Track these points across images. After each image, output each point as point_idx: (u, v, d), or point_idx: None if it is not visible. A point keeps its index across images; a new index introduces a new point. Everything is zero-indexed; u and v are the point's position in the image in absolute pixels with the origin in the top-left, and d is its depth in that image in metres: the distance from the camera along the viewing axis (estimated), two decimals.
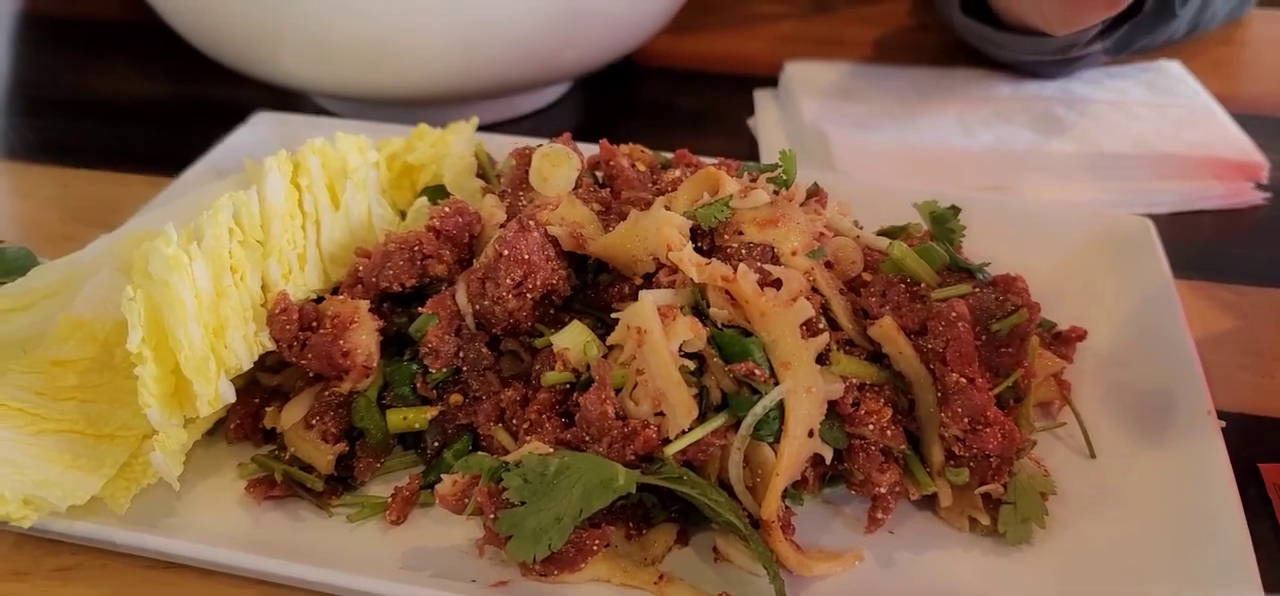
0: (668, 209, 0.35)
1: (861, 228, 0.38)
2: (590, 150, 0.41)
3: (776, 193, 0.36)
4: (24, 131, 0.57)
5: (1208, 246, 0.49)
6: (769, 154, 0.54)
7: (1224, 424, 0.35)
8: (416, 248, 0.36)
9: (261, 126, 0.48)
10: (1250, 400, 0.41)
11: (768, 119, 0.57)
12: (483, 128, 0.45)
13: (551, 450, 0.31)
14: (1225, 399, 0.40)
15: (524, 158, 0.39)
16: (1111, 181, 0.51)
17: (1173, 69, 0.60)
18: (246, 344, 0.33)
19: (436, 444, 0.34)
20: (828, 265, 0.35)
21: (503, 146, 0.44)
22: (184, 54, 0.55)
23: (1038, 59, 0.57)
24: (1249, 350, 0.43)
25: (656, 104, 0.60)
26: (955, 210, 0.39)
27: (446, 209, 0.36)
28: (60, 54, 0.65)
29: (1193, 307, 0.45)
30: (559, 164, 0.37)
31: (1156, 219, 0.44)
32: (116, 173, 0.51)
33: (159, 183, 0.47)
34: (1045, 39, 0.54)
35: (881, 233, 0.39)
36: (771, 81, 0.60)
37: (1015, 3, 0.53)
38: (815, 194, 0.38)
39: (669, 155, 0.42)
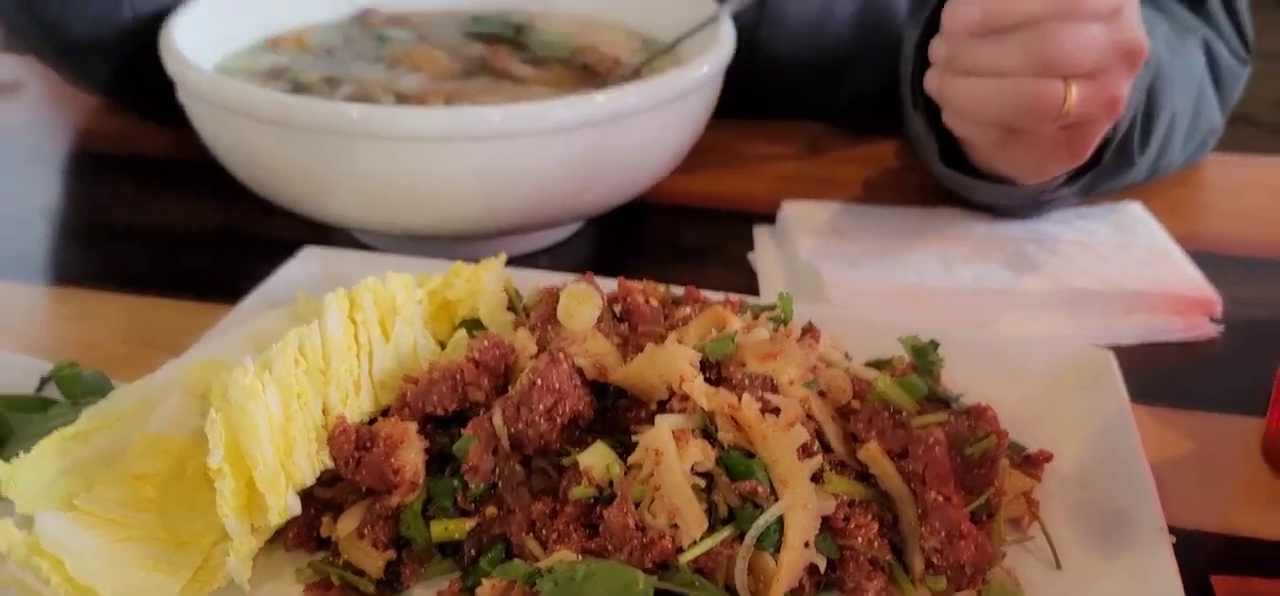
0: (680, 343, 0.40)
1: (851, 359, 0.43)
2: (608, 285, 0.46)
3: (776, 329, 0.41)
4: (86, 260, 0.62)
5: (1168, 376, 0.54)
6: (768, 287, 0.59)
7: (1176, 539, 0.39)
8: (458, 376, 0.41)
9: (310, 260, 0.54)
10: (1205, 517, 0.45)
11: (767, 254, 0.62)
12: (509, 261, 0.50)
13: (578, 558, 0.35)
14: (1183, 515, 0.44)
15: (552, 296, 0.44)
16: (1079, 316, 0.56)
17: (1135, 210, 0.65)
18: (310, 462, 0.38)
19: (474, 552, 0.38)
20: (821, 394, 0.39)
21: (527, 280, 0.50)
22: (233, 190, 0.60)
23: (1011, 203, 0.62)
24: (1205, 470, 0.48)
25: (664, 238, 0.65)
26: (935, 344, 0.44)
27: (485, 342, 0.41)
28: (119, 187, 0.70)
29: (1153, 432, 0.49)
30: (583, 302, 0.42)
31: (1121, 351, 0.49)
32: (174, 299, 0.56)
33: (214, 309, 0.52)
34: (1017, 187, 0.60)
35: (869, 364, 0.44)
36: (770, 218, 0.65)
37: (988, 155, 0.59)
38: (809, 330, 0.43)
39: (679, 290, 0.48)
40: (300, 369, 0.39)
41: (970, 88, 0.52)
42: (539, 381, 0.38)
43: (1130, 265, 0.59)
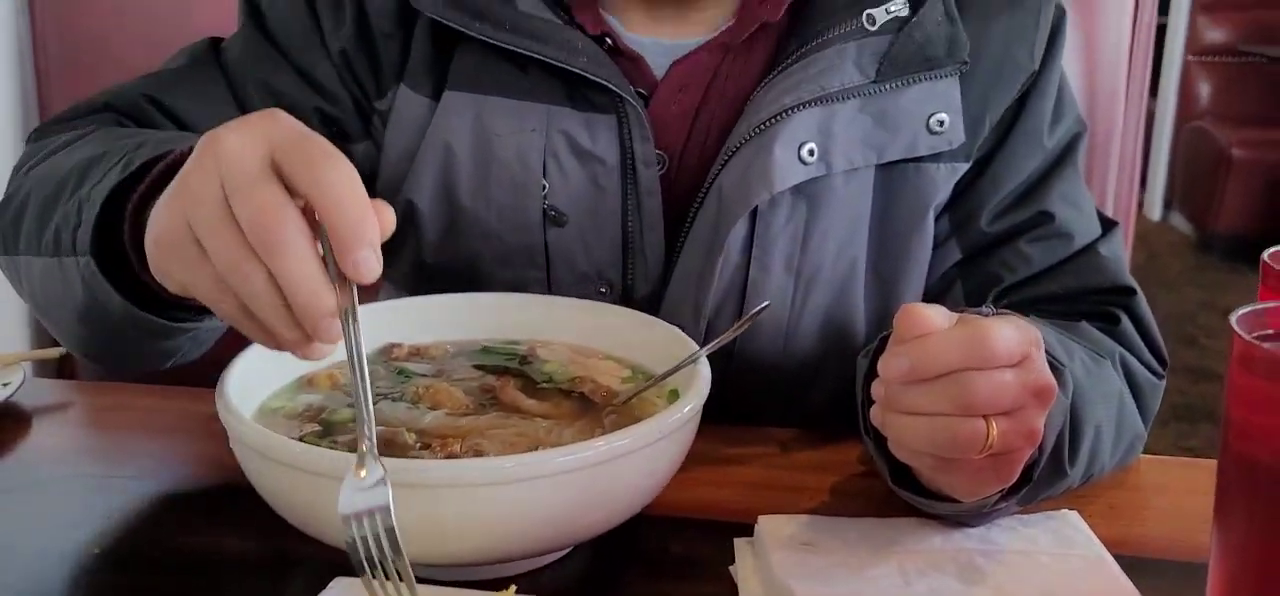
0: None
1: None
2: None
3: None
4: (130, 590, 0.68)
5: None
6: None
7: None
8: None
9: (338, 591, 0.60)
10: None
11: (746, 567, 0.69)
12: (510, 581, 0.57)
13: None
14: None
15: None
16: None
17: (1072, 519, 0.73)
18: None
19: None
20: None
21: None
22: (270, 516, 0.68)
23: (958, 515, 0.71)
24: None
25: (653, 551, 0.72)
26: None
27: None
28: (161, 516, 0.77)
29: None
30: None
31: None
32: None
33: None
34: (960, 503, 0.68)
35: None
36: (748, 527, 0.73)
37: (929, 478, 0.67)
38: None
39: None
40: None
41: (906, 426, 0.62)
42: None
43: (1069, 576, 0.67)
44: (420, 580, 0.61)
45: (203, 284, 0.57)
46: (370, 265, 0.54)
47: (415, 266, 0.91)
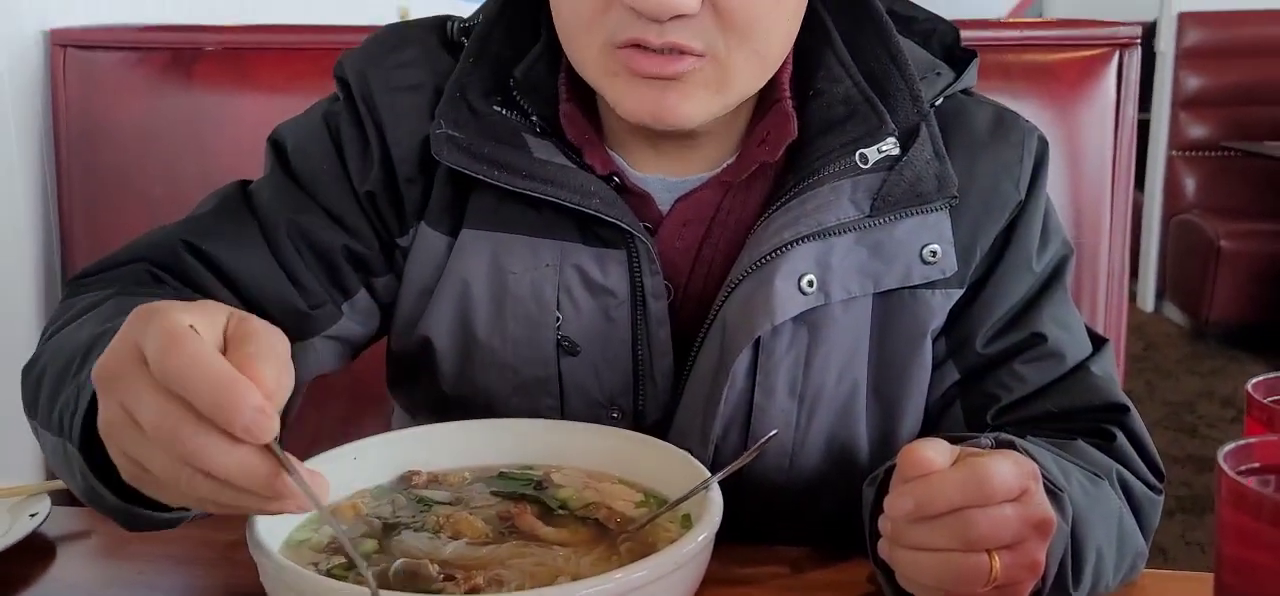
0: None
1: None
2: None
3: None
4: None
5: None
6: None
7: None
8: None
9: None
10: None
11: None
12: None
13: None
14: None
15: None
16: None
17: None
18: None
19: None
20: None
21: None
22: None
23: None
24: None
25: None
26: None
27: None
28: None
29: None
30: None
31: None
32: None
33: None
34: None
35: None
36: None
37: None
38: None
39: None
40: None
41: (913, 560, 0.65)
42: None
43: None
44: None
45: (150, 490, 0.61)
46: (260, 425, 0.57)
47: (434, 398, 0.94)
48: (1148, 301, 4.94)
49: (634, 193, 0.90)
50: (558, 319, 0.89)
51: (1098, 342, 0.92)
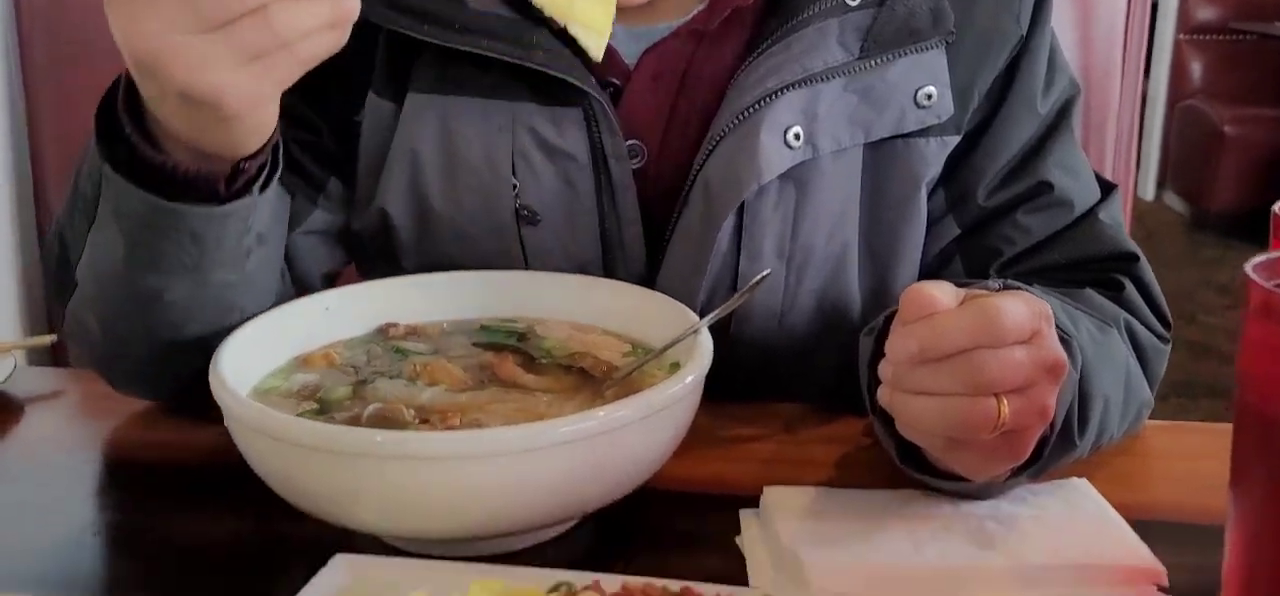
0: None
1: None
2: (612, 583, 0.52)
3: None
4: (133, 571, 0.67)
5: None
6: (755, 570, 0.65)
7: None
8: None
9: (340, 570, 0.59)
10: None
11: (752, 538, 0.68)
12: (514, 556, 0.56)
13: None
14: None
15: None
16: (1036, 590, 0.62)
17: (1081, 486, 0.72)
18: None
19: None
20: None
21: (542, 578, 0.56)
22: (267, 497, 0.67)
23: (967, 492, 0.70)
24: None
25: (659, 526, 0.71)
26: None
27: None
28: (160, 498, 0.76)
29: None
30: None
31: None
32: None
33: None
34: (970, 482, 0.67)
35: None
36: (754, 500, 0.72)
37: (942, 457, 0.66)
38: None
39: (675, 586, 0.53)
40: None
41: (915, 406, 0.61)
42: None
43: (1080, 539, 0.66)
44: (423, 556, 0.60)
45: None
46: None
47: (394, 274, 0.89)
48: (1148, 190, 4.89)
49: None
50: (515, 186, 0.83)
51: (1106, 188, 0.88)
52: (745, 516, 0.71)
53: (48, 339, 0.98)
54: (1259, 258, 0.48)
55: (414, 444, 0.59)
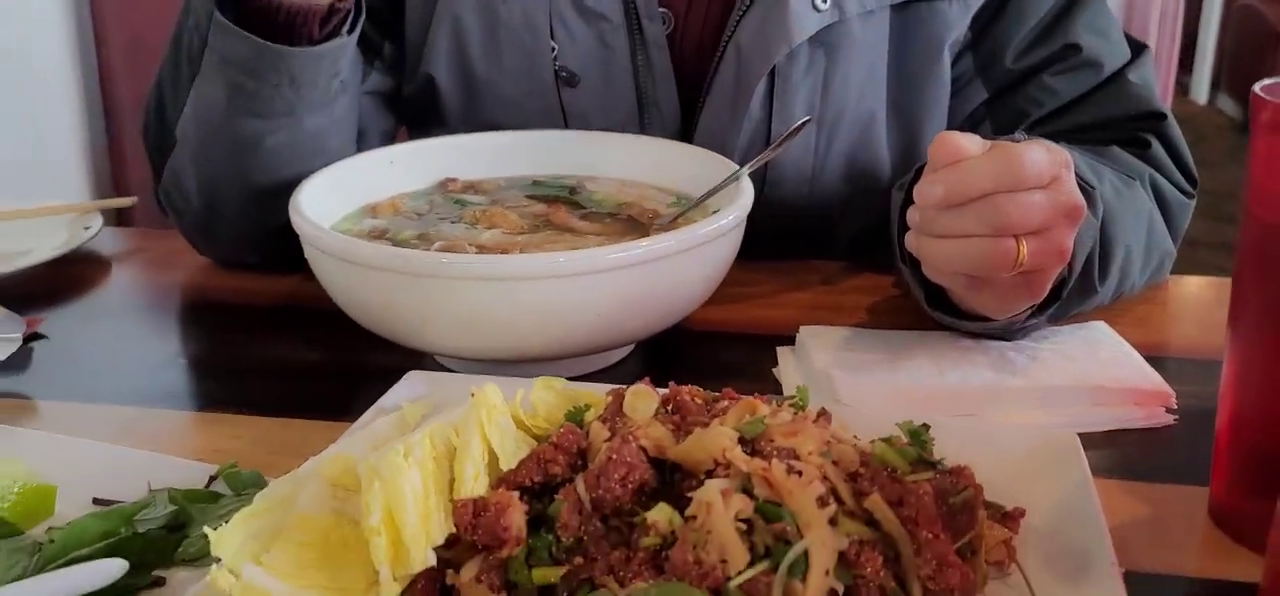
0: (721, 426, 0.51)
1: (858, 439, 0.54)
2: (660, 391, 0.57)
3: (795, 414, 0.52)
4: (226, 390, 0.74)
5: (1130, 455, 0.64)
6: (790, 394, 0.70)
7: (1126, 571, 0.49)
8: (542, 456, 0.52)
9: (415, 382, 0.65)
10: (1160, 565, 0.55)
11: (788, 368, 0.73)
12: (572, 377, 0.61)
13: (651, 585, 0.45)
14: (1140, 563, 0.54)
15: (619, 396, 0.55)
16: (1052, 409, 0.67)
17: (1101, 327, 0.76)
18: (440, 526, 0.49)
19: (567, 593, 0.49)
20: (834, 463, 0.50)
21: (595, 391, 0.61)
22: (339, 329, 0.73)
23: (991, 333, 0.74)
24: (1159, 529, 0.58)
25: (701, 358, 0.77)
26: (926, 426, 0.55)
27: (563, 431, 0.53)
28: (243, 331, 0.83)
29: (1116, 501, 0.60)
30: (644, 399, 0.54)
31: (1088, 436, 0.60)
32: (301, 419, 0.68)
33: (333, 426, 0.64)
34: (993, 321, 0.72)
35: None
36: (789, 340, 0.77)
37: (962, 298, 0.70)
38: (823, 414, 0.54)
39: (717, 394, 0.59)
40: (431, 456, 0.50)
41: (940, 248, 0.65)
42: (614, 457, 0.49)
43: (1097, 366, 0.70)
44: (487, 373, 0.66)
45: None
46: None
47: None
48: (1202, 93, 4.79)
49: None
50: (553, 48, 0.88)
51: (1136, 49, 0.90)
52: (782, 351, 0.76)
53: (129, 201, 1.04)
54: (1266, 81, 0.51)
55: (478, 265, 0.65)
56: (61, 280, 0.91)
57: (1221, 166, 3.98)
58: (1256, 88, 0.50)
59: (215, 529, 0.48)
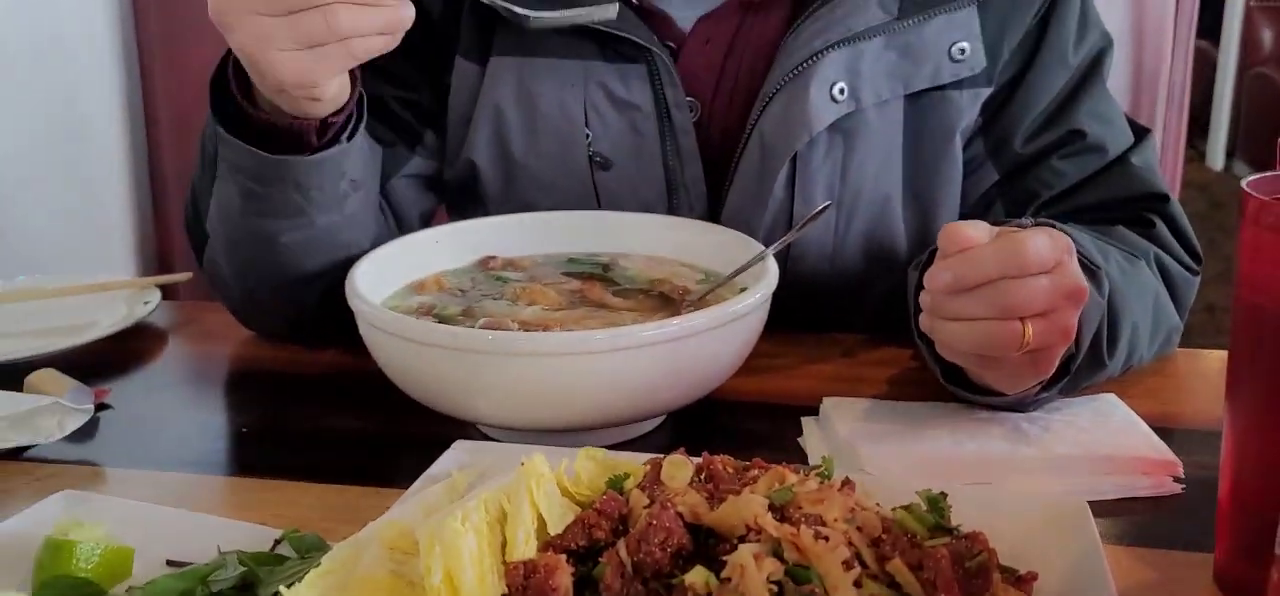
0: (753, 494, 0.55)
1: (880, 506, 0.58)
2: (694, 460, 0.61)
3: (822, 483, 0.57)
4: (285, 458, 0.79)
5: (1138, 522, 0.68)
6: (816, 462, 0.74)
7: None
8: (586, 521, 0.56)
9: (461, 451, 0.70)
10: None
11: (813, 438, 0.77)
12: (607, 446, 0.66)
13: None
14: None
15: (656, 465, 0.59)
16: (1063, 477, 0.70)
17: (1110, 399, 0.80)
18: (493, 588, 0.53)
19: None
20: (858, 528, 0.54)
21: (634, 460, 0.65)
22: (386, 399, 0.78)
23: (1005, 407, 0.77)
24: (1164, 593, 0.61)
25: (729, 428, 0.81)
26: (943, 494, 0.59)
27: (605, 497, 0.57)
28: (296, 402, 0.88)
29: (1124, 566, 0.63)
30: (680, 467, 0.58)
31: (1098, 504, 0.63)
32: (351, 486, 0.73)
33: (382, 492, 0.68)
34: (1005, 396, 0.75)
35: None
36: (813, 410, 0.81)
37: (978, 374, 0.74)
38: (847, 483, 0.58)
39: (747, 463, 0.63)
40: (485, 521, 0.54)
41: (950, 330, 0.69)
42: (654, 522, 0.54)
43: (1106, 436, 0.74)
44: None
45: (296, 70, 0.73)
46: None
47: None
48: (1217, 159, 4.82)
49: (653, 13, 0.93)
50: (588, 135, 0.93)
51: (1139, 133, 0.94)
52: (806, 421, 0.80)
53: (185, 275, 1.10)
54: (1254, 177, 0.55)
55: (521, 342, 0.70)
56: (122, 352, 0.97)
57: (1237, 232, 4.00)
58: (1244, 184, 0.55)
59: (289, 587, 0.53)
